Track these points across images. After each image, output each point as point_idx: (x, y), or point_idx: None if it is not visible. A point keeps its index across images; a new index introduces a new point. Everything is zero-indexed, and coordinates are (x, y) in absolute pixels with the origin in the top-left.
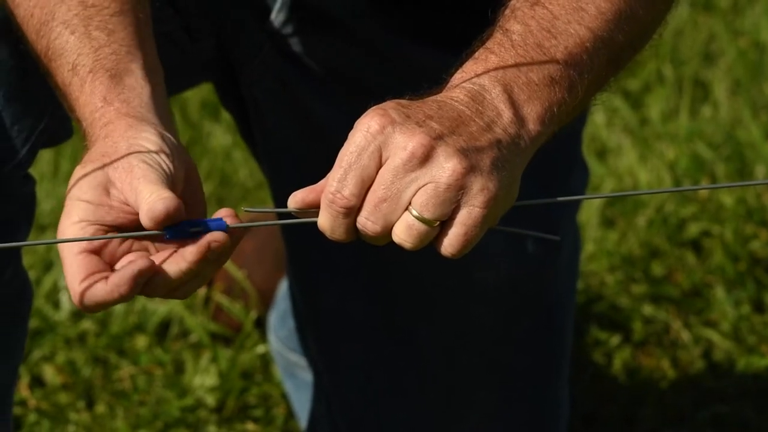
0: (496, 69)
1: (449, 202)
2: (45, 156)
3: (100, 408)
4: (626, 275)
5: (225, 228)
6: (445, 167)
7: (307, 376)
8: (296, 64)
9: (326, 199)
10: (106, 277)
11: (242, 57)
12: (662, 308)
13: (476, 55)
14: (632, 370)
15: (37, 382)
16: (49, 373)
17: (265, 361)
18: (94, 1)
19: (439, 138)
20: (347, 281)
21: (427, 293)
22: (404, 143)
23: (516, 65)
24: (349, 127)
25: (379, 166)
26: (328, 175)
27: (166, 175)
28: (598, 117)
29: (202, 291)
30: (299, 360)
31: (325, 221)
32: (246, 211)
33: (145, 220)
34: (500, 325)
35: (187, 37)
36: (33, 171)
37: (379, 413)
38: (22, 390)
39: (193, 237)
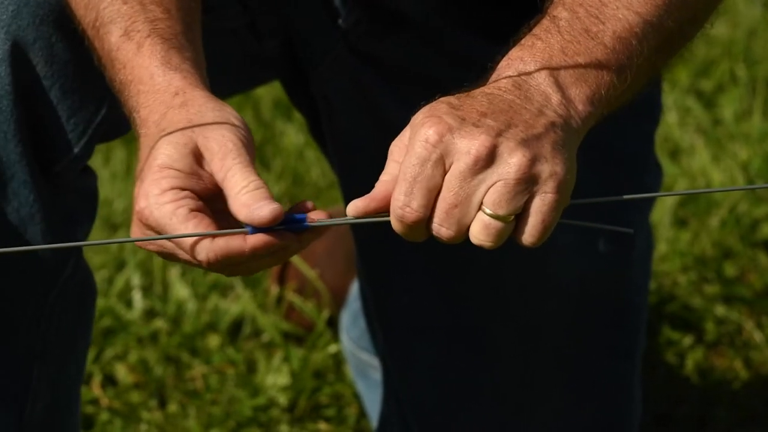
0: (541, 54)
1: (521, 195)
2: (118, 155)
3: (172, 407)
4: (699, 275)
5: (306, 225)
6: (511, 163)
7: (379, 376)
8: (368, 62)
9: (395, 213)
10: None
11: (313, 56)
12: (735, 309)
13: (522, 41)
14: (705, 371)
15: (109, 381)
16: (122, 372)
17: (338, 360)
18: None
19: (498, 135)
20: (419, 280)
21: (500, 291)
22: (467, 147)
23: (562, 50)
24: None
25: (444, 173)
26: (394, 189)
27: (252, 157)
28: (671, 117)
29: (274, 290)
30: (371, 360)
31: (398, 229)
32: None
33: (241, 215)
34: (572, 323)
35: (251, 35)
36: (105, 170)
37: (451, 412)
38: (95, 389)
39: (275, 231)
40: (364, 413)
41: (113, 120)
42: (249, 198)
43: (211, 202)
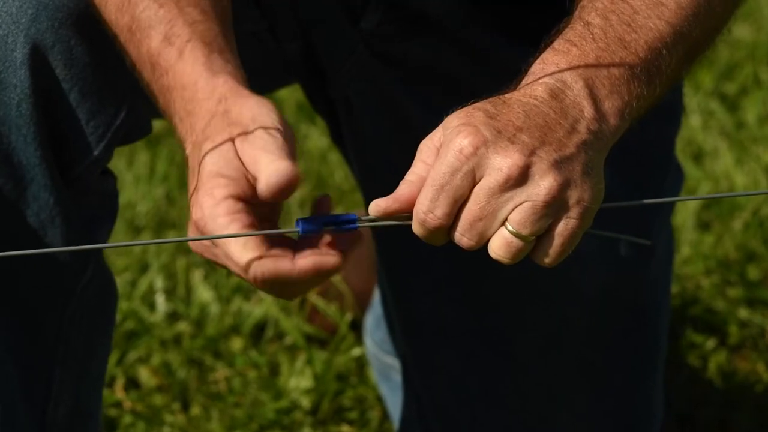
0: (577, 62)
1: (546, 218)
2: (141, 158)
3: (195, 410)
4: (722, 278)
5: (356, 226)
6: (541, 185)
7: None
8: (389, 65)
9: (418, 217)
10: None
11: (333, 59)
12: (758, 312)
13: (556, 45)
14: (727, 374)
15: (132, 383)
16: (145, 375)
17: (361, 363)
18: None
19: (532, 153)
20: (442, 284)
21: (522, 296)
22: (499, 164)
23: (597, 59)
24: None
25: (473, 185)
26: (420, 194)
27: (286, 146)
28: (694, 120)
29: None
30: (395, 363)
31: (418, 233)
32: (362, 219)
33: (263, 190)
34: (594, 327)
35: (271, 38)
36: (129, 173)
37: (473, 416)
38: (118, 392)
39: (325, 233)
40: (387, 416)
41: (133, 122)
42: (272, 170)
43: (262, 205)
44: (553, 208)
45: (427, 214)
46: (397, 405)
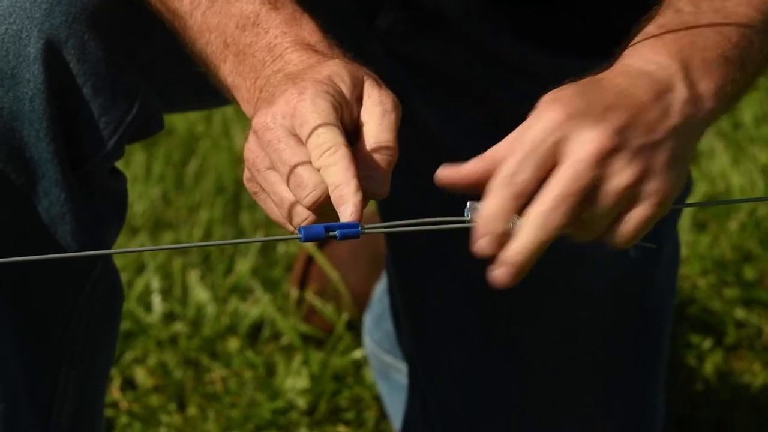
0: (671, 45)
1: (620, 204)
2: (137, 158)
3: (192, 410)
4: (718, 279)
5: (359, 233)
6: (625, 170)
7: (401, 378)
8: (403, 65)
9: (503, 179)
10: None
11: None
12: (754, 312)
13: (648, 30)
14: (724, 374)
15: (128, 384)
16: (141, 376)
17: (357, 363)
18: None
19: (620, 133)
20: (451, 285)
21: (531, 297)
22: (584, 140)
23: (691, 43)
24: (456, 130)
25: (556, 157)
26: (507, 158)
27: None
28: None
29: (294, 293)
30: (393, 362)
31: (492, 204)
32: (365, 228)
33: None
34: (601, 328)
35: None
36: (125, 173)
37: (478, 416)
38: (114, 392)
39: (328, 239)
40: (384, 416)
41: (145, 118)
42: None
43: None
44: (631, 194)
45: (513, 176)
46: (395, 404)
